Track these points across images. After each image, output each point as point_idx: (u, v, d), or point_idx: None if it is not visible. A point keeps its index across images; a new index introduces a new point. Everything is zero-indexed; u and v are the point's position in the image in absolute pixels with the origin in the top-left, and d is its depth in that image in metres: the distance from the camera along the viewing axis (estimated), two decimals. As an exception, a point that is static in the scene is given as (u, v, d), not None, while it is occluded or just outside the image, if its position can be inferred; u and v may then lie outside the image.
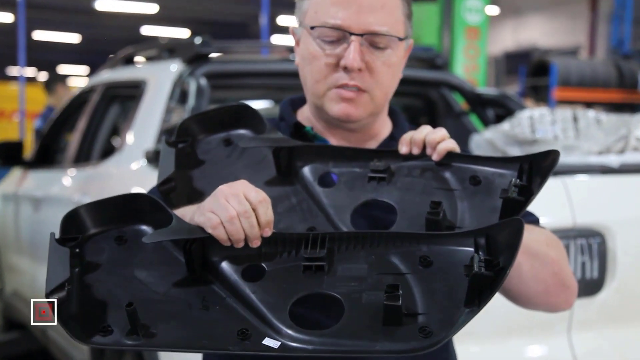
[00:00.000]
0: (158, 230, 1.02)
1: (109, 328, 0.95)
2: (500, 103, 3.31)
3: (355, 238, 1.04)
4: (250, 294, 1.00)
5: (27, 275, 3.71)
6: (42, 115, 6.37)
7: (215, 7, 15.26)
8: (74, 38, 18.30)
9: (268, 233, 1.02)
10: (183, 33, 16.55)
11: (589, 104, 9.01)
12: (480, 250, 0.99)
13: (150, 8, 14.80)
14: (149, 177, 2.24)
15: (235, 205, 1.00)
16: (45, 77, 7.01)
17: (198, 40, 2.80)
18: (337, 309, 0.98)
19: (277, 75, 3.10)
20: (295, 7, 1.30)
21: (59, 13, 15.41)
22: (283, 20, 14.25)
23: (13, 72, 16.87)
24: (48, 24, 16.22)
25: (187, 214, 1.06)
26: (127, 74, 3.34)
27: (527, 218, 1.21)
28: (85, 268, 1.00)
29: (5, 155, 3.85)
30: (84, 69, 20.51)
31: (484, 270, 0.92)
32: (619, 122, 2.62)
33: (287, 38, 10.84)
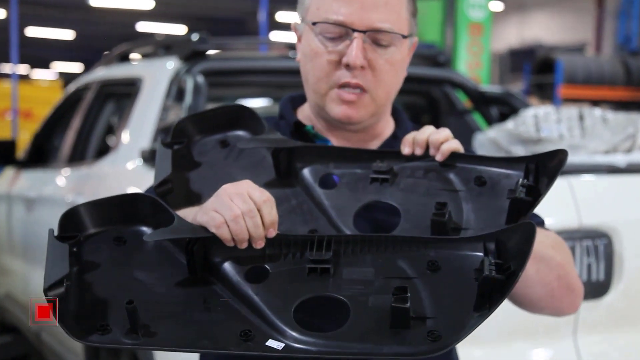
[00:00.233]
0: (160, 229, 1.00)
1: (108, 327, 0.93)
2: (504, 101, 3.29)
3: (362, 241, 1.03)
4: (254, 296, 0.98)
5: (20, 278, 3.69)
6: None
7: (213, 3, 15.26)
8: (68, 34, 18.28)
9: (272, 234, 1.01)
10: (180, 29, 16.55)
11: (595, 102, 8.97)
12: (490, 255, 0.98)
13: (146, 4, 14.80)
14: (145, 176, 2.23)
15: (240, 204, 0.98)
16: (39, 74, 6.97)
17: (195, 37, 2.78)
18: (342, 312, 0.96)
19: (275, 73, 3.09)
20: (298, 2, 1.28)
21: (53, 9, 15.37)
22: (282, 17, 14.25)
23: (5, 69, 16.80)
24: (41, 20, 16.18)
25: (188, 215, 1.05)
26: (122, 72, 3.32)
27: (532, 220, 1.20)
28: (84, 267, 0.99)
29: (-2, 155, 3.82)
30: (78, 66, 20.46)
31: (495, 274, 0.91)
32: (626, 120, 2.61)
33: (286, 35, 10.85)
